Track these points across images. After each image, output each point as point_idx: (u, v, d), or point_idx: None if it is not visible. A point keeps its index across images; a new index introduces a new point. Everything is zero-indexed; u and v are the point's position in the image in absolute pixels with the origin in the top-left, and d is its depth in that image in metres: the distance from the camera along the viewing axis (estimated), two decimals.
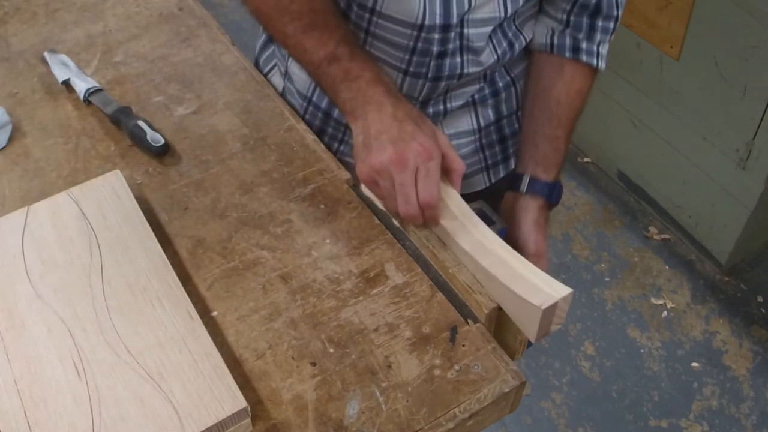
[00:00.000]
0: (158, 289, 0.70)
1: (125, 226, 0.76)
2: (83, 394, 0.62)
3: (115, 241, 0.75)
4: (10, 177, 0.86)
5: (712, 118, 1.77)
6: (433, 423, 0.64)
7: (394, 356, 0.68)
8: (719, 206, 1.89)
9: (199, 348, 0.65)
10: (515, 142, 1.03)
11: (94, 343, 0.66)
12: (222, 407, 0.61)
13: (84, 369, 0.64)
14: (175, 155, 0.89)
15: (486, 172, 1.04)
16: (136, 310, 0.69)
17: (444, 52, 0.86)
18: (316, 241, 0.79)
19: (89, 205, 0.78)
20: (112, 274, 0.72)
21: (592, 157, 2.31)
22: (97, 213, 0.77)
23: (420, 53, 0.86)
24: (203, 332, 0.67)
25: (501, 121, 1.01)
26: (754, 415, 1.71)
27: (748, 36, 1.57)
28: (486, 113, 0.99)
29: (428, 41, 0.85)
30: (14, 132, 0.92)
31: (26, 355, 0.65)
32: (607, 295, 1.97)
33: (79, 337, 0.66)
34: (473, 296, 0.72)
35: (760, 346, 1.84)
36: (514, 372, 0.67)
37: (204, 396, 0.62)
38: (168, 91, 0.98)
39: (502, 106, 0.99)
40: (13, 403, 0.62)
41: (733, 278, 1.99)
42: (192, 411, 0.61)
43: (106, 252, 0.74)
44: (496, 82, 0.97)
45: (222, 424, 0.61)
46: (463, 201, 0.77)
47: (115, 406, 0.62)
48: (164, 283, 0.71)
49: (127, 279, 0.71)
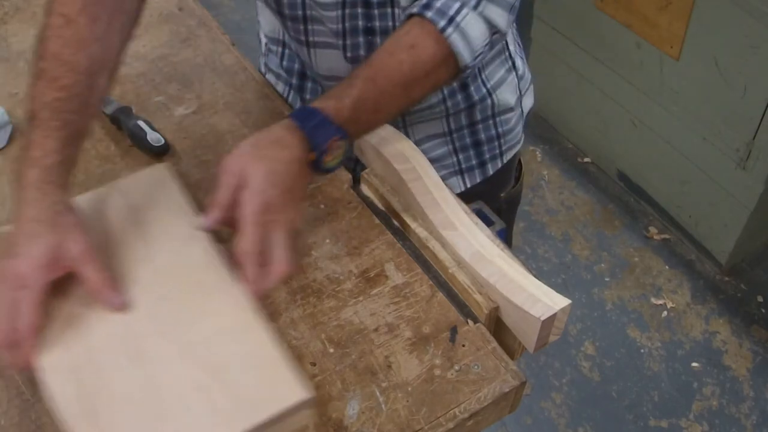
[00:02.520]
0: (212, 279, 0.69)
1: (175, 218, 0.75)
2: (142, 383, 0.62)
3: (165, 232, 0.73)
4: (11, 177, 0.86)
5: (712, 118, 1.77)
6: (433, 423, 0.64)
7: (394, 356, 0.68)
8: (719, 206, 1.89)
9: (257, 338, 0.65)
10: (492, 148, 1.02)
11: (151, 331, 0.65)
12: (285, 397, 0.60)
13: (142, 358, 0.63)
14: (175, 155, 0.89)
15: (460, 175, 1.02)
16: (191, 300, 0.68)
17: (372, 29, 0.85)
18: (316, 241, 0.79)
19: (136, 197, 0.77)
20: (164, 265, 0.71)
21: (592, 157, 2.31)
22: (145, 205, 0.76)
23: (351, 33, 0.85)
24: (260, 323, 0.66)
25: (475, 126, 0.99)
26: (754, 415, 1.71)
27: (748, 36, 1.57)
28: (459, 120, 0.98)
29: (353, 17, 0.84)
30: (14, 132, 0.92)
31: (84, 344, 0.64)
32: (607, 295, 1.97)
33: (136, 326, 0.66)
34: (473, 296, 0.72)
35: (760, 346, 1.84)
36: (514, 372, 0.67)
37: (265, 385, 0.61)
38: (168, 91, 0.98)
39: (476, 114, 0.98)
40: (71, 392, 0.61)
41: (733, 278, 1.99)
42: (253, 400, 0.60)
43: (157, 243, 0.73)
44: (471, 96, 0.95)
45: (285, 414, 0.60)
46: (462, 209, 0.77)
47: (174, 395, 0.61)
48: (218, 275, 0.70)
49: (182, 270, 0.70)
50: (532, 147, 2.36)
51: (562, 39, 2.15)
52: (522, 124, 1.07)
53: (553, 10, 2.15)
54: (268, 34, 1.03)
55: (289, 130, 0.71)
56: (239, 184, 0.67)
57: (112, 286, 0.67)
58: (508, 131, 1.03)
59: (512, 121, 1.03)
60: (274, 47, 1.02)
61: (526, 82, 1.05)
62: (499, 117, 1.00)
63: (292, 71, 1.01)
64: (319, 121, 0.71)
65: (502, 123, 1.01)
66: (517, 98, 1.02)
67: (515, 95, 1.01)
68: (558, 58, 2.21)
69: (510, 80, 1.00)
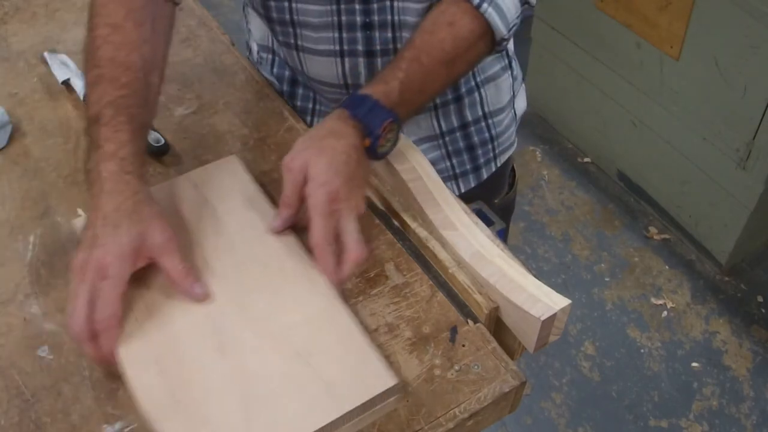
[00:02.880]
0: (293, 268, 0.69)
1: (249, 209, 0.75)
2: (229, 372, 0.61)
3: (241, 222, 0.74)
4: (10, 177, 0.86)
5: (712, 118, 1.77)
6: (433, 423, 0.64)
7: (394, 356, 0.68)
8: (719, 206, 1.89)
9: (342, 326, 0.65)
10: (486, 151, 1.02)
11: (235, 321, 0.65)
12: (374, 384, 0.60)
13: (228, 348, 0.63)
14: (175, 155, 0.89)
15: (455, 180, 1.02)
16: (274, 289, 0.68)
17: (370, 24, 0.85)
18: None
19: (210, 189, 0.77)
20: (245, 255, 0.71)
21: (592, 157, 2.31)
22: (220, 196, 0.76)
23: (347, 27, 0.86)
24: (344, 310, 0.66)
25: (467, 128, 0.99)
26: (754, 415, 1.71)
27: (748, 36, 1.57)
28: (449, 119, 0.98)
29: (350, 12, 0.84)
30: (14, 132, 0.92)
31: (166, 335, 0.64)
32: (607, 295, 1.97)
33: (219, 316, 0.65)
34: (473, 296, 0.72)
35: (760, 346, 1.84)
36: (514, 372, 0.67)
37: (354, 373, 0.61)
38: (168, 91, 0.97)
39: (466, 111, 0.98)
40: (155, 384, 0.60)
41: (733, 278, 1.99)
42: (344, 387, 0.60)
43: (235, 233, 0.72)
44: (458, 87, 0.95)
45: (375, 400, 0.60)
46: (462, 209, 0.77)
47: (263, 383, 0.60)
48: (299, 263, 0.70)
49: (261, 259, 0.70)
50: (532, 147, 2.36)
51: (562, 39, 2.15)
52: (515, 127, 1.07)
53: (553, 10, 2.15)
54: (259, 42, 1.03)
55: (342, 120, 0.73)
56: (303, 179, 0.69)
57: (194, 276, 0.67)
58: (501, 133, 1.03)
59: (504, 122, 1.03)
60: (264, 55, 1.03)
61: (519, 84, 1.06)
62: (492, 119, 1.01)
63: (282, 78, 1.02)
64: (371, 106, 0.73)
65: (495, 125, 1.01)
66: (510, 99, 1.03)
67: (508, 95, 1.02)
68: (558, 58, 2.22)
69: (504, 78, 1.00)
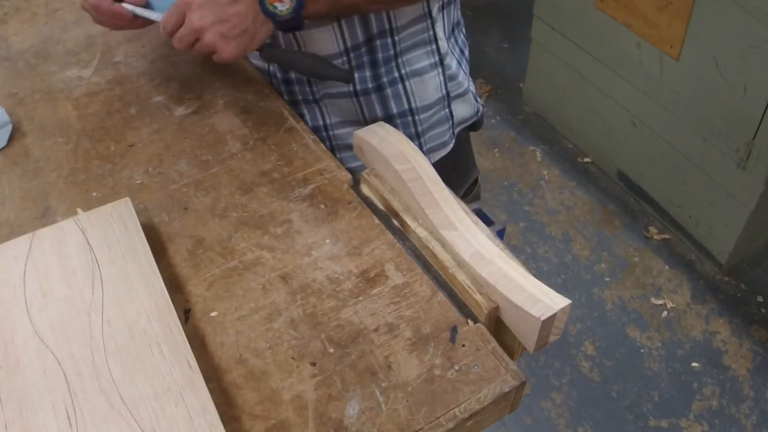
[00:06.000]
0: (158, 333, 0.67)
1: (130, 260, 0.73)
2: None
3: (118, 275, 0.71)
4: (10, 177, 0.87)
5: (712, 118, 1.77)
6: (433, 423, 0.64)
7: (394, 356, 0.68)
8: (719, 206, 1.89)
9: (196, 402, 0.62)
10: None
11: (88, 388, 0.63)
12: None
13: (76, 417, 0.61)
14: (175, 155, 0.89)
15: None
16: (134, 354, 0.65)
17: None
18: (316, 241, 0.79)
19: (96, 235, 0.75)
20: (112, 313, 0.68)
21: (592, 157, 2.31)
22: (103, 244, 0.74)
23: None
24: (202, 385, 0.63)
25: (393, 120, 0.99)
26: (754, 415, 1.71)
27: (748, 36, 1.57)
28: (372, 107, 0.98)
29: None
30: (14, 132, 0.92)
31: (19, 397, 0.62)
32: (607, 295, 1.97)
33: (73, 381, 0.63)
34: (473, 296, 0.72)
35: (760, 346, 1.84)
36: (514, 372, 0.67)
37: None
38: (168, 91, 0.98)
39: (391, 103, 0.98)
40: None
41: (733, 278, 1.99)
42: None
43: (108, 287, 0.71)
44: (379, 76, 0.96)
45: None
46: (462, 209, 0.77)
47: None
48: (165, 327, 0.67)
49: (128, 319, 0.68)
50: (532, 147, 2.37)
51: (562, 39, 2.15)
52: (450, 131, 1.07)
53: (553, 10, 2.15)
54: None
55: None
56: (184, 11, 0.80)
57: None
58: (426, 130, 1.03)
59: (431, 120, 1.02)
60: None
61: (458, 87, 1.04)
62: (419, 115, 1.00)
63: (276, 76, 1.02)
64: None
65: (421, 121, 1.01)
66: (441, 98, 1.02)
67: (438, 94, 1.01)
68: (558, 58, 2.22)
69: (432, 75, 0.99)
